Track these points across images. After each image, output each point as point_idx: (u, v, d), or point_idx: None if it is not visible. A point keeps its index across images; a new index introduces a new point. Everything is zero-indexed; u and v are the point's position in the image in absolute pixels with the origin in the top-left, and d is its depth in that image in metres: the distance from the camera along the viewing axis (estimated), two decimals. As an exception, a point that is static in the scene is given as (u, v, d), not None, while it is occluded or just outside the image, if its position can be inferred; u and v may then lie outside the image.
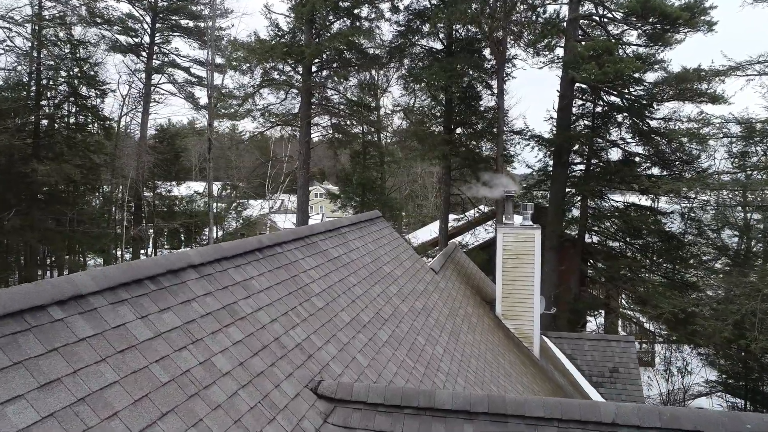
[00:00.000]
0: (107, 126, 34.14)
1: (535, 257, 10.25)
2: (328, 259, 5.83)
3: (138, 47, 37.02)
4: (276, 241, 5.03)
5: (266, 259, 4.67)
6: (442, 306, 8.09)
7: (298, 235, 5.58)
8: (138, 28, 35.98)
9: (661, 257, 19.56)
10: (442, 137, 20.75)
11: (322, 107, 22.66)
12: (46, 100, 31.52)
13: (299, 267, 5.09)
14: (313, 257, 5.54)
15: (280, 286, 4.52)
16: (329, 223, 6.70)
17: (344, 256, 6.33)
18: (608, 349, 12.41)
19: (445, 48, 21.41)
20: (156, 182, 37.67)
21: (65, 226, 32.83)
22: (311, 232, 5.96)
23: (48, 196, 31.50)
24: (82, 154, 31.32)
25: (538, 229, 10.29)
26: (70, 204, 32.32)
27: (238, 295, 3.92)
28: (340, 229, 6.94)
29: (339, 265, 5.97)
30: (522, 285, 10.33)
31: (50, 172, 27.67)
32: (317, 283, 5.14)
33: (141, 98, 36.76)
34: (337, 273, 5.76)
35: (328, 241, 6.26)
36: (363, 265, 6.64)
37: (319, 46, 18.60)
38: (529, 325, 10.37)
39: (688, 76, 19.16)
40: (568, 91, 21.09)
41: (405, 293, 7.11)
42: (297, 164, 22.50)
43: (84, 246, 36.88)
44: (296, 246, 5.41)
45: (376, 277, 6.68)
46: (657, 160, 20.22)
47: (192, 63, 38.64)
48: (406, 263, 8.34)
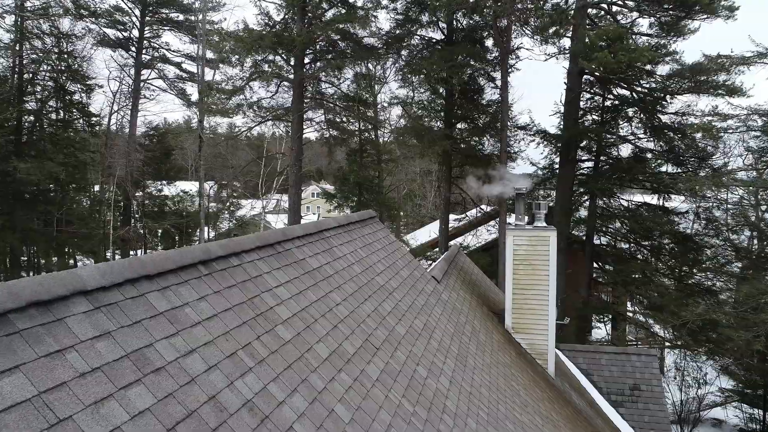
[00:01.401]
0: (94, 123, 32.86)
1: (550, 263, 9.06)
2: (304, 272, 4.61)
3: (127, 41, 35.75)
4: (232, 251, 3.82)
5: (214, 276, 3.45)
6: (446, 322, 6.88)
7: (266, 241, 4.36)
8: (126, 22, 34.70)
9: (676, 260, 18.34)
10: (442, 132, 19.54)
11: (315, 101, 21.44)
12: (28, 95, 30.19)
13: (262, 285, 3.87)
14: (283, 270, 4.32)
15: (230, 313, 3.30)
16: (310, 225, 5.48)
17: (327, 266, 5.12)
18: (628, 364, 11.22)
19: (446, 38, 20.20)
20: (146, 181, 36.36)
21: (52, 226, 31.62)
22: (284, 237, 4.74)
23: (32, 195, 30.22)
24: (67, 152, 30.05)
25: (554, 231, 9.09)
26: (57, 204, 31.10)
27: (158, 332, 2.71)
28: (324, 232, 5.72)
29: (319, 278, 4.75)
30: (535, 295, 9.13)
31: (32, 171, 26.46)
32: (286, 306, 3.92)
33: (130, 94, 35.47)
34: (316, 290, 4.54)
35: (306, 248, 5.05)
36: (351, 276, 5.43)
37: (311, 34, 17.37)
38: (543, 340, 9.17)
39: (704, 67, 18.01)
40: (575, 84, 19.91)
41: (402, 310, 5.90)
42: (288, 161, 21.28)
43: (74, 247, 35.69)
44: (261, 256, 4.19)
45: (366, 291, 5.47)
46: (671, 157, 19.02)
47: (183, 58, 37.41)
48: (404, 272, 7.13)
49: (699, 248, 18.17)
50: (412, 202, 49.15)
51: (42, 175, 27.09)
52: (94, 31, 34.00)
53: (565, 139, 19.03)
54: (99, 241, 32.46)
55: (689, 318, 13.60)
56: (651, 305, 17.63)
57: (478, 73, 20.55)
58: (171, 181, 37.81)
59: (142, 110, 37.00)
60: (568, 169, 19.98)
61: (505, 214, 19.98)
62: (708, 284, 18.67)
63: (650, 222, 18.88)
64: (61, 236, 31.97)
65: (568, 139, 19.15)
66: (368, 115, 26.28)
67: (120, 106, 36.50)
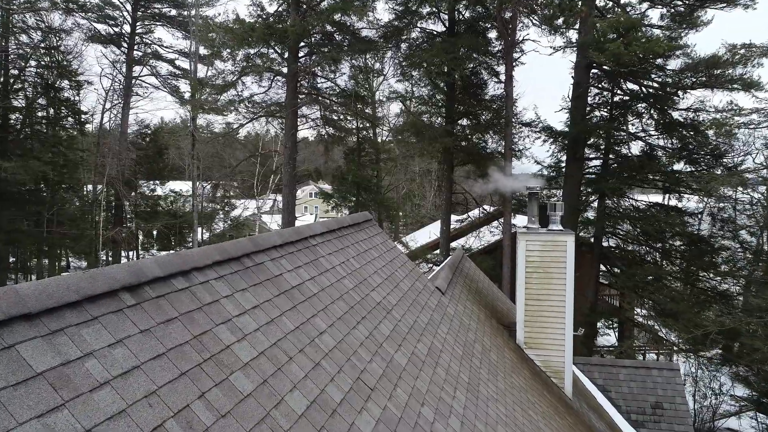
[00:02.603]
0: (83, 121, 31.85)
1: (567, 271, 8.11)
2: (279, 292, 3.65)
3: (119, 37, 34.75)
4: (177, 269, 2.87)
5: (143, 307, 2.50)
6: (454, 342, 5.92)
7: (228, 254, 3.40)
8: (117, 17, 33.71)
9: (690, 263, 17.39)
10: (443, 129, 18.58)
11: (310, 97, 20.47)
12: (15, 92, 29.17)
13: (218, 314, 2.92)
14: (251, 291, 3.36)
15: (161, 361, 2.34)
16: (291, 232, 4.52)
17: (310, 283, 4.16)
18: (649, 379, 10.27)
19: (447, 30, 19.24)
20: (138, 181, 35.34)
21: (42, 227, 30.66)
22: (255, 248, 3.78)
23: (20, 195, 29.24)
24: (56, 151, 29.07)
25: (571, 235, 8.14)
26: (48, 204, 30.16)
27: (27, 411, 1.75)
28: (309, 240, 4.77)
29: (298, 299, 3.79)
30: (550, 306, 8.18)
31: (17, 170, 25.49)
32: (250, 341, 2.97)
33: (122, 92, 34.45)
34: (294, 315, 3.58)
35: (285, 260, 4.09)
36: (340, 294, 4.47)
37: (305, 24, 16.39)
38: (559, 357, 8.22)
39: (720, 60, 17.08)
40: (583, 79, 18.97)
41: (402, 332, 4.94)
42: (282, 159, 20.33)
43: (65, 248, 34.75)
44: (221, 274, 3.23)
45: (359, 311, 4.51)
46: (684, 155, 18.07)
47: (177, 55, 36.40)
48: (405, 284, 6.17)
49: (715, 251, 17.23)
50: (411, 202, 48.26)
51: (28, 174, 26.13)
52: (84, 26, 33.05)
53: (572, 135, 18.07)
54: (90, 241, 31.53)
55: (711, 328, 12.67)
56: (663, 311, 16.68)
57: (481, 67, 19.59)
58: (164, 181, 36.81)
59: (135, 108, 35.80)
60: (576, 168, 19.04)
61: (510, 214, 19.05)
62: (723, 288, 17.73)
63: (662, 222, 17.93)
64: (52, 237, 31.01)
65: (575, 136, 18.20)
66: (366, 112, 25.34)
67: (113, 104, 35.52)
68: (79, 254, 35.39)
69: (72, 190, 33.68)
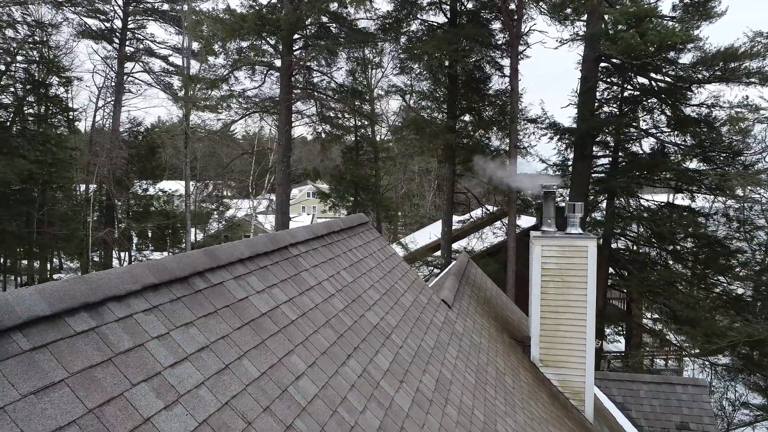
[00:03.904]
0: (71, 118, 30.87)
1: (588, 279, 7.20)
2: (242, 323, 2.74)
3: (110, 33, 33.77)
4: (75, 303, 1.95)
5: (38, 355, 1.58)
6: (465, 369, 5.01)
7: (168, 274, 2.48)
8: (108, 11, 32.72)
9: (706, 267, 16.47)
10: (445, 125, 17.66)
11: (305, 92, 19.54)
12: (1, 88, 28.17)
13: (137, 367, 2.00)
14: (197, 327, 2.44)
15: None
16: (266, 240, 3.60)
17: (287, 307, 3.24)
18: (672, 396, 9.37)
19: (449, 21, 18.33)
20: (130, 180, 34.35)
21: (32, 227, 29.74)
22: (212, 263, 2.86)
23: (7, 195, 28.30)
24: (44, 149, 28.12)
25: (593, 240, 7.23)
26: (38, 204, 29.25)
27: None
28: (288, 250, 3.85)
29: (268, 331, 2.88)
30: (569, 320, 7.27)
31: (2, 168, 24.56)
32: (183, 408, 2.04)
33: (113, 88, 33.48)
34: (261, 354, 2.67)
35: (253, 278, 3.17)
36: (327, 319, 3.55)
37: (299, 13, 15.46)
38: (579, 376, 7.31)
39: (736, 52, 16.20)
40: (591, 73, 18.07)
41: (404, 362, 4.02)
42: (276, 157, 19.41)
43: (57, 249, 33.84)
44: (155, 303, 2.32)
45: (351, 340, 3.60)
46: (698, 152, 17.17)
47: (171, 51, 35.43)
48: (407, 298, 5.26)
49: (731, 253, 16.32)
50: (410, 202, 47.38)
51: (14, 173, 25.20)
52: (75, 21, 32.09)
53: (582, 131, 17.16)
54: (80, 242, 30.61)
55: (738, 338, 11.76)
56: (678, 317, 15.78)
57: (485, 61, 18.68)
58: (156, 180, 35.81)
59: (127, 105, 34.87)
60: (584, 166, 18.15)
61: (515, 215, 18.16)
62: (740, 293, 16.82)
63: (674, 223, 17.02)
64: (42, 238, 30.11)
65: (584, 132, 17.29)
66: (364, 109, 24.44)
67: (106, 101, 34.55)
68: (71, 255, 34.53)
69: (62, 190, 32.74)
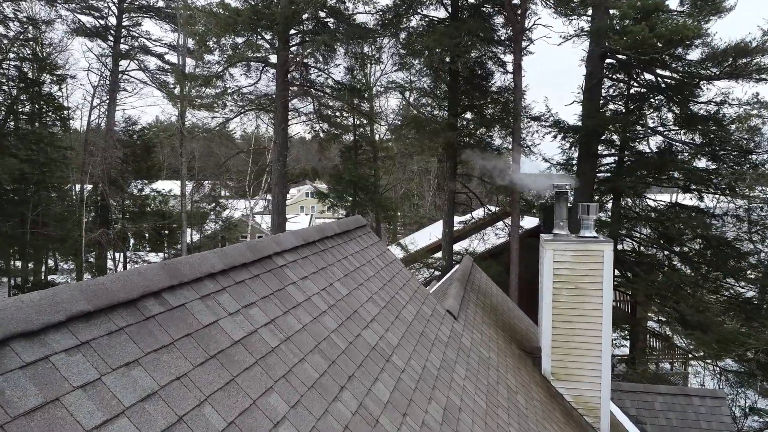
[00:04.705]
0: (64, 117, 30.28)
1: (605, 287, 6.67)
2: (207, 356, 2.19)
3: (105, 30, 33.18)
4: None
5: None
6: (474, 391, 4.47)
7: (113, 298, 1.93)
8: (102, 8, 32.12)
9: (717, 269, 15.93)
10: (446, 122, 17.11)
11: (302, 89, 18.99)
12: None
13: (57, 429, 1.46)
14: (142, 366, 1.89)
15: None
16: (244, 249, 3.06)
17: (267, 331, 2.69)
18: (689, 409, 8.84)
19: (450, 15, 17.79)
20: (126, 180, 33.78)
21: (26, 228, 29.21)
22: (171, 280, 2.31)
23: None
24: (36, 148, 27.60)
25: (609, 244, 6.70)
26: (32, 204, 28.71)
27: None
28: (272, 260, 3.30)
29: (241, 365, 2.33)
30: (584, 330, 6.73)
31: (-8, 168, 24.08)
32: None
33: (108, 86, 32.87)
34: (229, 397, 2.12)
35: (225, 296, 2.62)
36: (317, 342, 3.01)
37: (295, 7, 14.91)
38: (594, 391, 6.77)
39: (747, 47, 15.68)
40: (597, 69, 17.51)
41: (407, 390, 3.48)
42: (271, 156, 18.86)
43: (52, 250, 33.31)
44: (85, 338, 1.77)
45: (345, 367, 3.05)
46: (707, 151, 16.63)
47: (166, 48, 34.85)
48: (408, 311, 4.72)
49: (741, 255, 15.79)
50: (409, 202, 46.86)
51: (4, 172, 24.68)
52: (69, 18, 31.51)
53: (588, 129, 16.60)
54: (74, 242, 30.07)
55: (756, 345, 11.22)
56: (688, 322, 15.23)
57: (487, 57, 18.14)
58: (152, 180, 35.20)
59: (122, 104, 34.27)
60: (589, 165, 17.60)
61: (518, 215, 17.63)
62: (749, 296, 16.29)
63: (683, 224, 16.48)
64: (36, 239, 29.61)
65: (589, 130, 16.75)
66: (363, 107, 23.91)
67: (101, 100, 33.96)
68: (66, 256, 34.02)
69: (56, 190, 32.21)
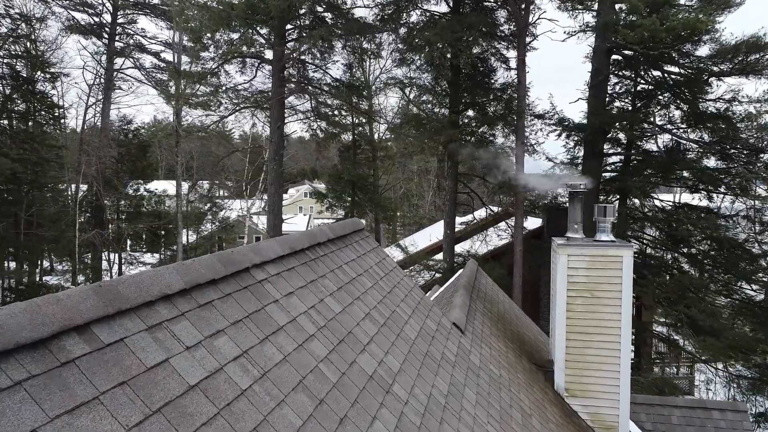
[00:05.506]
0: (57, 115, 29.73)
1: (624, 296, 6.14)
2: (143, 416, 1.64)
3: (100, 28, 32.61)
4: None
5: None
6: (486, 419, 3.92)
7: (12, 338, 1.39)
8: (97, 5, 31.54)
9: (727, 272, 15.41)
10: (448, 120, 16.57)
11: (299, 86, 18.44)
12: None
13: None
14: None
15: None
16: (215, 261, 2.51)
17: (237, 367, 2.14)
18: (709, 423, 8.30)
19: (451, 9, 17.25)
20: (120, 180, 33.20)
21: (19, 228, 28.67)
22: (108, 307, 1.76)
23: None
24: (28, 147, 27.05)
25: (629, 248, 6.16)
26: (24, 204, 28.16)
27: None
28: (249, 274, 2.75)
29: (194, 424, 1.78)
30: (601, 342, 6.20)
31: (-19, 167, 23.53)
32: None
33: (102, 85, 32.29)
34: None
35: (185, 323, 2.07)
36: (302, 376, 2.46)
37: (291, 0, 14.36)
38: (612, 409, 6.23)
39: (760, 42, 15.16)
40: (603, 65, 16.97)
41: (412, 427, 2.93)
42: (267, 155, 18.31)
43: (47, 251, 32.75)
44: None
45: (337, 405, 2.50)
46: (717, 150, 16.11)
47: (162, 46, 34.26)
48: (411, 327, 4.17)
49: (753, 257, 15.26)
50: (409, 202, 46.32)
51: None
52: (62, 15, 30.94)
53: (594, 127, 16.06)
54: (68, 243, 29.54)
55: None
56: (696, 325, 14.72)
57: (489, 52, 17.59)
58: (147, 180, 34.62)
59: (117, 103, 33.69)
60: (595, 164, 17.06)
61: (521, 216, 17.11)
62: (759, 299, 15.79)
63: (692, 225, 15.95)
64: (30, 240, 29.06)
65: (595, 128, 16.21)
66: (361, 106, 23.37)
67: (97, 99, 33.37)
68: (60, 257, 33.49)
69: (50, 190, 31.66)
